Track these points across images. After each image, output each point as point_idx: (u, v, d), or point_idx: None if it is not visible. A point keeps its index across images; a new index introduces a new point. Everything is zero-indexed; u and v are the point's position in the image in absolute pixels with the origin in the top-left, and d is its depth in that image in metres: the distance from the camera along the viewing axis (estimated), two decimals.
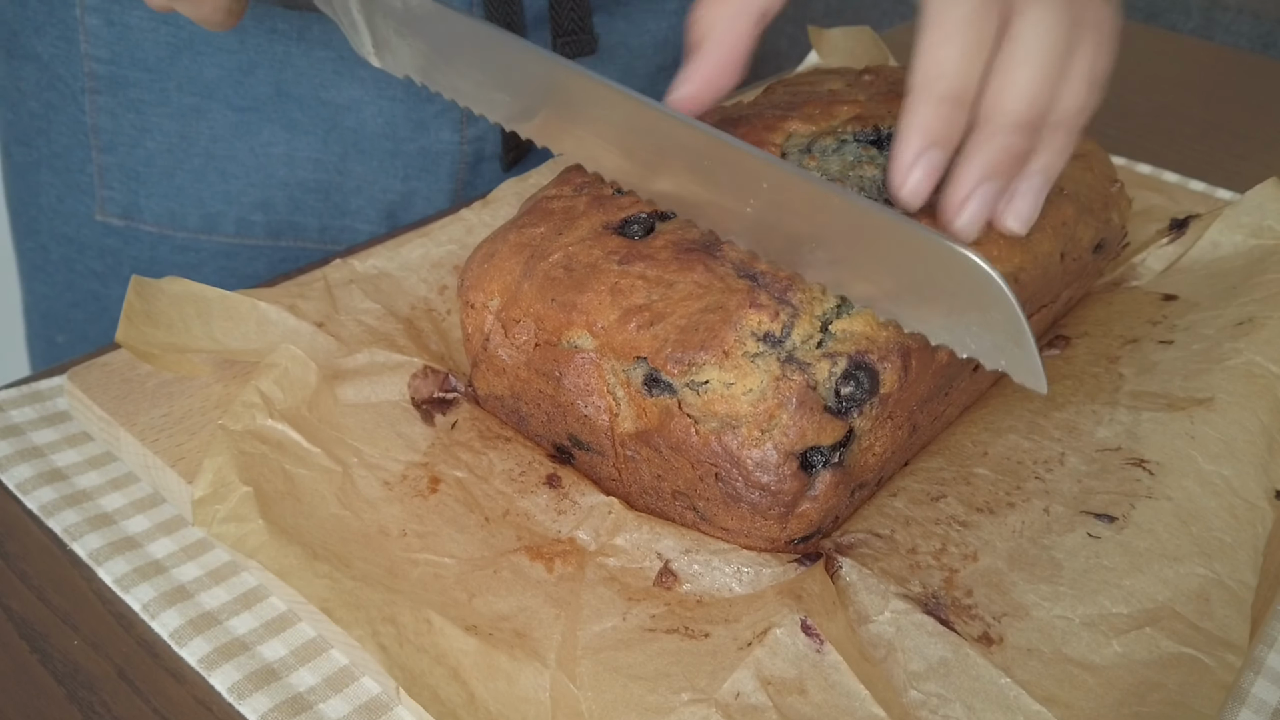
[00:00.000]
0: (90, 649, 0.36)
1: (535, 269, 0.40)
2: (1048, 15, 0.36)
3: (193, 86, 0.60)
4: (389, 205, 0.66)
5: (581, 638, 0.35)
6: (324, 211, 0.65)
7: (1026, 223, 0.38)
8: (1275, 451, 0.42)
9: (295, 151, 0.62)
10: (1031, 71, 0.36)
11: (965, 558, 0.38)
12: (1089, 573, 0.38)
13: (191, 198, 0.63)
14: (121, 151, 0.62)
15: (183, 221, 0.64)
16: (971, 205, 0.37)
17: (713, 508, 0.38)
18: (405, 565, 0.36)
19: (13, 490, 0.41)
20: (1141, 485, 0.41)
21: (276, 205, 0.64)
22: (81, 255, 0.65)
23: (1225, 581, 0.37)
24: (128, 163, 0.62)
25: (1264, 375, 0.45)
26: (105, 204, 0.63)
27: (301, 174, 0.63)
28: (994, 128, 0.36)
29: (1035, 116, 0.36)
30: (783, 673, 0.34)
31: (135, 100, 0.61)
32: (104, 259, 0.65)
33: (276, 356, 0.42)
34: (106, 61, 0.60)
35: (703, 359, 0.36)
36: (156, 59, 0.59)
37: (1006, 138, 0.36)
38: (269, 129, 0.62)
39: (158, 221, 0.64)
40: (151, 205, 0.63)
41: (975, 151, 0.36)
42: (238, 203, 0.63)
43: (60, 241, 0.66)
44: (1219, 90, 0.88)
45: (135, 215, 0.64)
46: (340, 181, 0.64)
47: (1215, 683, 0.34)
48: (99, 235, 0.64)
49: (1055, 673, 0.35)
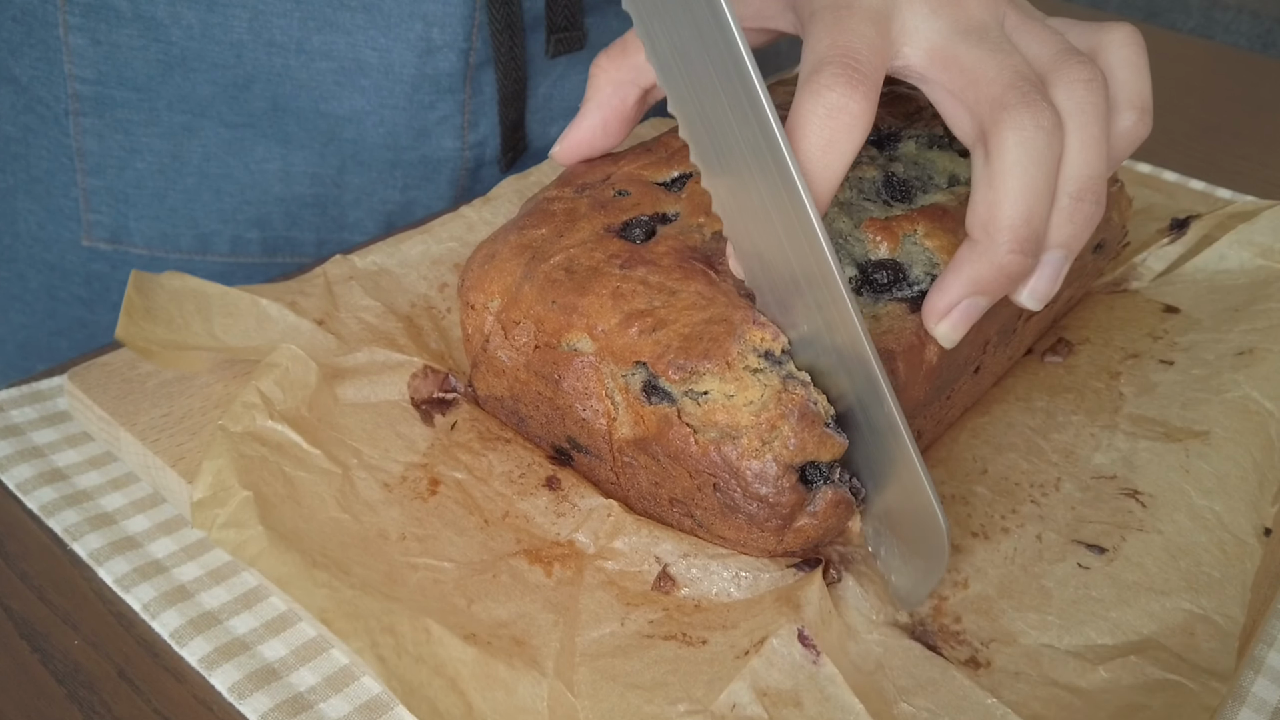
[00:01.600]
0: (90, 649, 0.36)
1: (536, 270, 0.40)
2: None
3: (184, 104, 0.59)
4: (388, 215, 0.65)
5: (579, 643, 0.35)
6: (321, 225, 0.64)
7: (1042, 301, 0.37)
8: (1266, 489, 0.43)
9: (291, 166, 0.62)
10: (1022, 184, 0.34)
11: (956, 585, 0.39)
12: (1077, 603, 0.38)
13: (184, 218, 0.62)
14: (110, 174, 0.60)
15: (175, 243, 0.62)
16: (954, 317, 0.36)
17: (710, 517, 0.38)
18: (404, 570, 0.36)
19: (13, 490, 0.41)
20: (1134, 517, 0.41)
21: (272, 221, 0.63)
22: (65, 282, 0.64)
23: (1211, 616, 0.37)
24: (116, 185, 0.61)
25: (1259, 412, 0.46)
26: (92, 228, 0.62)
27: (298, 189, 0.62)
28: (991, 244, 0.35)
29: (1033, 234, 0.35)
30: (779, 684, 0.34)
31: (123, 120, 0.59)
32: (90, 285, 0.63)
33: (277, 356, 0.42)
34: (92, 82, 0.58)
35: (705, 368, 0.36)
36: (146, 77, 0.58)
37: (1002, 257, 0.35)
38: (264, 144, 0.61)
39: (149, 244, 0.62)
40: (142, 227, 0.62)
41: (967, 264, 0.36)
42: (232, 221, 0.62)
43: (40, 269, 0.64)
44: (1219, 89, 0.88)
45: (124, 238, 0.62)
46: (338, 195, 0.63)
47: (1201, 706, 0.34)
48: (85, 260, 0.63)
49: (1042, 694, 0.35)
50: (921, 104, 0.49)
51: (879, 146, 0.46)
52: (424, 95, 0.61)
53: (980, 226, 0.35)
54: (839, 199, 0.42)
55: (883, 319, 0.39)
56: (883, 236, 0.40)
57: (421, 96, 0.61)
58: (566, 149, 0.45)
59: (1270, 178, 0.74)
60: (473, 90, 0.63)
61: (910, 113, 0.48)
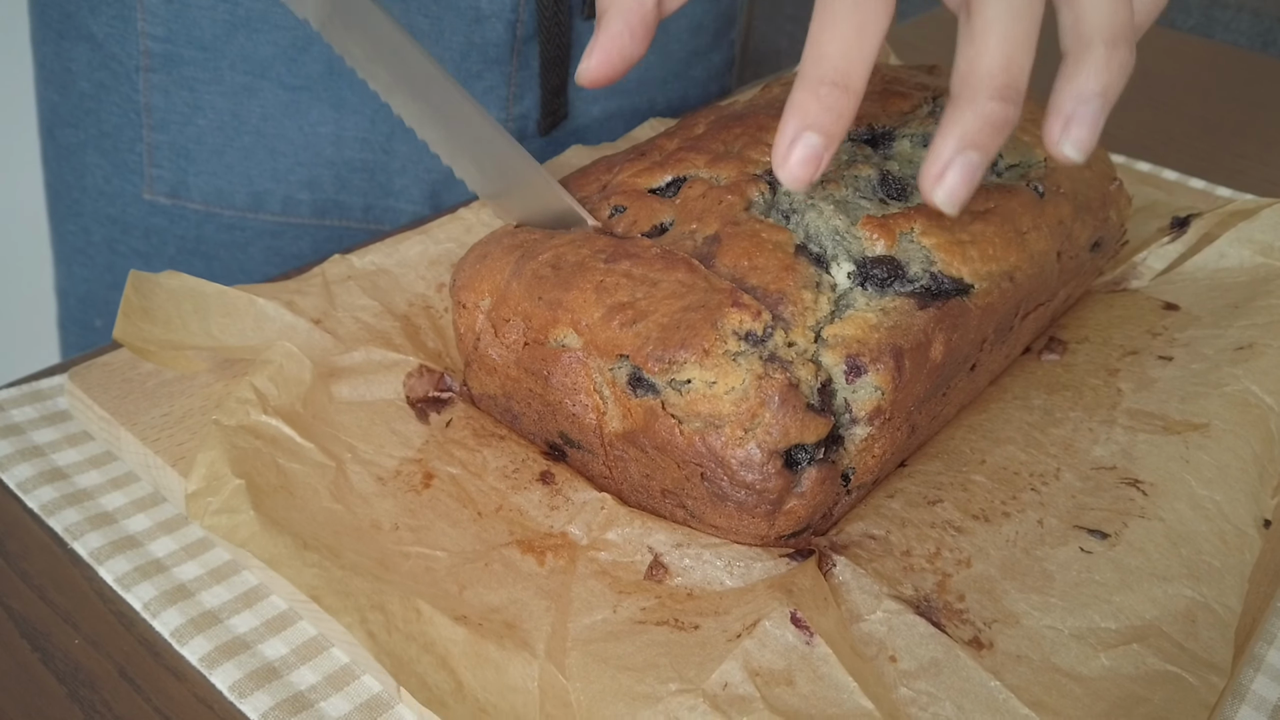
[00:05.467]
0: (91, 648, 0.36)
1: (524, 268, 0.40)
2: None
3: (246, 65, 0.61)
4: (433, 185, 0.67)
5: (571, 630, 0.35)
6: (369, 191, 0.66)
7: (1086, 151, 0.36)
8: (1266, 481, 0.43)
9: (343, 130, 0.63)
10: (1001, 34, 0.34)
11: (959, 563, 0.39)
12: (1080, 586, 0.38)
13: (240, 176, 0.64)
14: (173, 130, 0.63)
15: (230, 200, 0.65)
16: (949, 177, 0.35)
17: (701, 506, 0.38)
18: (396, 558, 0.37)
19: (13, 489, 0.41)
20: (1135, 505, 0.41)
21: (323, 184, 0.65)
22: (126, 236, 0.66)
23: (1212, 605, 0.37)
24: (178, 141, 0.63)
25: (1259, 406, 0.46)
26: (154, 183, 0.64)
27: (348, 153, 0.64)
28: (972, 95, 0.35)
29: (1012, 80, 0.35)
30: (771, 664, 0.34)
31: (189, 78, 0.61)
32: (149, 239, 0.66)
33: (271, 353, 0.42)
34: (163, 39, 0.60)
35: (683, 357, 0.36)
36: (213, 36, 0.60)
37: (983, 105, 0.34)
38: (319, 108, 0.62)
39: (205, 200, 0.65)
40: (200, 183, 0.64)
41: (952, 122, 0.35)
42: (285, 181, 0.64)
43: (104, 223, 0.67)
44: (1218, 88, 0.88)
45: (183, 194, 0.65)
46: (385, 161, 0.65)
47: (1199, 702, 0.34)
48: (145, 215, 0.65)
49: (1044, 680, 0.35)
50: (916, 103, 0.49)
51: (874, 145, 0.46)
52: (472, 64, 0.63)
53: (960, 81, 0.35)
54: (835, 196, 0.42)
55: (890, 313, 0.39)
56: (880, 234, 0.41)
57: (469, 65, 0.63)
58: (596, 64, 0.40)
59: (1270, 176, 0.74)
60: (519, 63, 0.65)
61: (905, 112, 0.48)
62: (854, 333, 0.37)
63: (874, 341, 0.37)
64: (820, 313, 0.38)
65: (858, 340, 0.37)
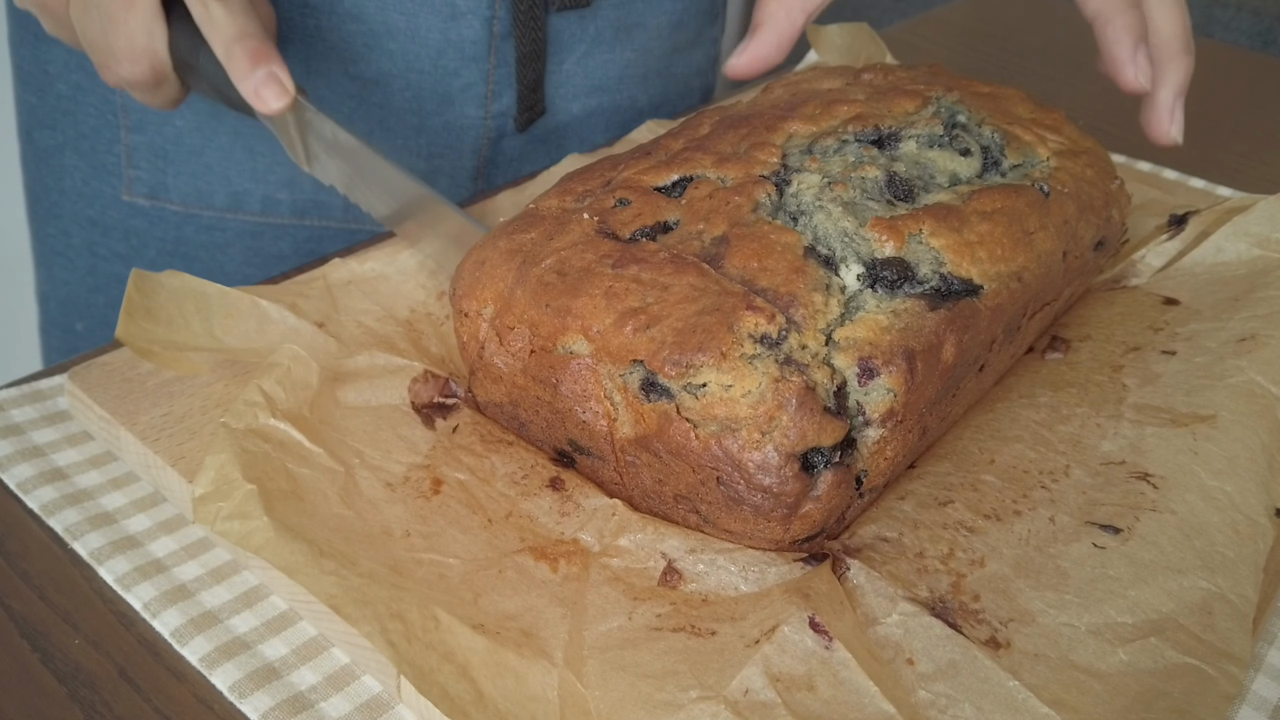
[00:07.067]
0: (91, 648, 0.36)
1: (528, 275, 0.40)
2: None
3: None
4: None
5: (588, 637, 0.35)
6: None
7: (1182, 135, 0.54)
8: (1275, 470, 0.43)
9: None
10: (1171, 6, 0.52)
11: (973, 563, 0.39)
12: (1095, 582, 0.38)
13: (218, 175, 0.64)
14: (151, 130, 0.63)
15: (209, 200, 0.64)
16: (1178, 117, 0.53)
17: (715, 511, 0.38)
18: (410, 565, 0.36)
19: (13, 489, 0.41)
20: (1146, 498, 0.41)
21: (302, 183, 0.65)
22: (105, 238, 0.66)
23: (1227, 595, 0.37)
24: (156, 141, 0.63)
25: (1265, 396, 0.46)
26: (132, 184, 0.64)
27: None
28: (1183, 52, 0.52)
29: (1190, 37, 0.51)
30: (791, 670, 0.34)
31: None
32: (129, 240, 0.66)
33: (279, 356, 0.42)
34: None
35: (700, 360, 0.36)
36: None
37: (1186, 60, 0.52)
38: None
39: (184, 200, 0.64)
40: (179, 184, 0.64)
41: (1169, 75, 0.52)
42: (264, 181, 0.64)
43: (83, 225, 0.66)
44: (1218, 87, 0.88)
45: (162, 194, 0.64)
46: None
47: (1220, 693, 0.34)
48: (124, 216, 0.65)
49: (1062, 678, 0.35)
50: (921, 104, 0.49)
51: (880, 146, 0.46)
52: (449, 61, 0.63)
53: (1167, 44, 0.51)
54: (842, 198, 0.42)
55: (901, 315, 0.38)
56: (888, 235, 0.40)
57: (446, 62, 0.63)
58: (745, 62, 0.52)
59: (1270, 175, 0.74)
60: (497, 60, 0.64)
61: (910, 112, 0.48)
62: (865, 335, 0.37)
63: (886, 344, 0.37)
64: (831, 315, 0.38)
65: (870, 342, 0.37)
